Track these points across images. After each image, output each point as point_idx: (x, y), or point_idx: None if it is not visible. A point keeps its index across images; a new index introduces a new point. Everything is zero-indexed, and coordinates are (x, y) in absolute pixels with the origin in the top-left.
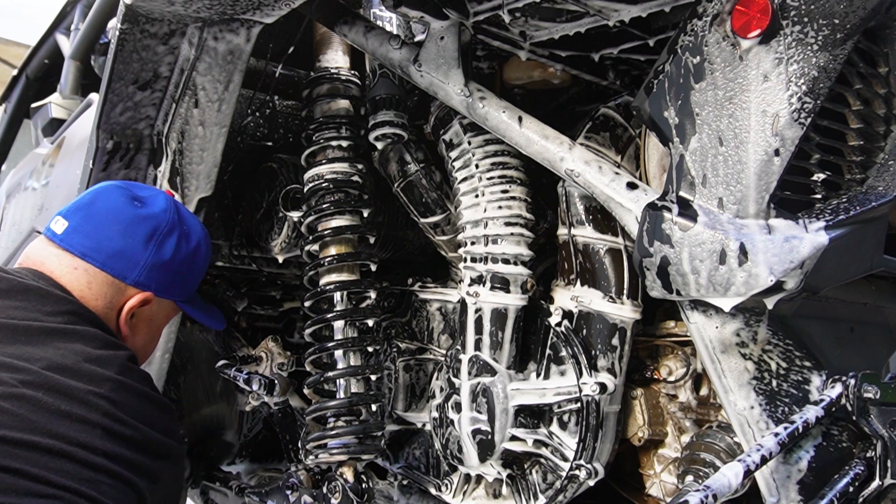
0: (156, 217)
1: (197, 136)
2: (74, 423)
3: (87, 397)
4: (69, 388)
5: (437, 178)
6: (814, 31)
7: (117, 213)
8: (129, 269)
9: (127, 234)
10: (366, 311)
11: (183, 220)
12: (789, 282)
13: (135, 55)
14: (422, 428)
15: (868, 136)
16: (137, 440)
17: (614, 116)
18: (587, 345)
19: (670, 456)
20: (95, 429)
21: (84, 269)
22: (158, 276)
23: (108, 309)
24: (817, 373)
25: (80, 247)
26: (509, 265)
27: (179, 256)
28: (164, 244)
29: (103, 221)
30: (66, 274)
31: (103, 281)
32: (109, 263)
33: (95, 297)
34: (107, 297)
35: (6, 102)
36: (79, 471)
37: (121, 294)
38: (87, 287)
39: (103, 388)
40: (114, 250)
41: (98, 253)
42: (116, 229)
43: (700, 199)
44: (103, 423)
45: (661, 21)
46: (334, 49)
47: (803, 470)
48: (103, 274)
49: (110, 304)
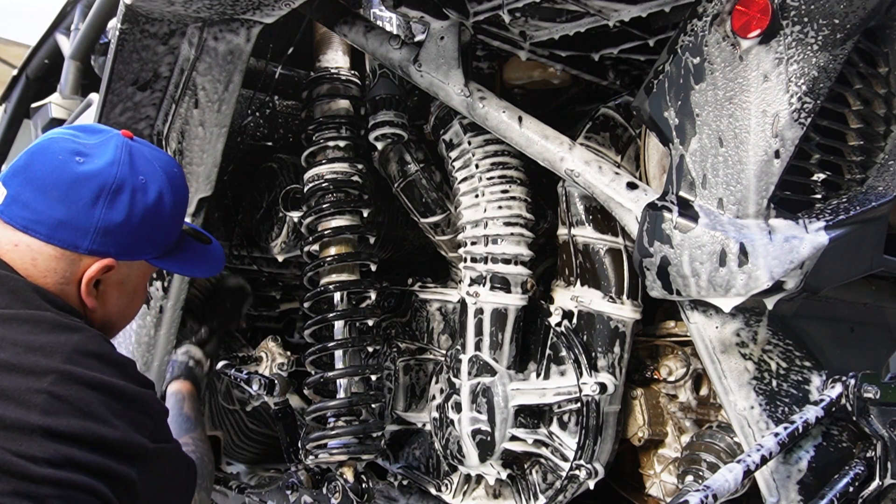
0: (100, 173)
1: (197, 137)
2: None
3: (23, 396)
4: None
5: (437, 178)
6: (814, 31)
7: (56, 174)
8: (78, 238)
9: (69, 198)
10: (366, 311)
11: (136, 169)
12: (789, 282)
13: (135, 55)
14: (422, 428)
15: (868, 136)
16: (88, 438)
17: (614, 116)
18: (587, 345)
19: (670, 456)
20: (34, 433)
21: (27, 244)
22: (116, 240)
23: (63, 284)
24: (817, 373)
25: (21, 220)
26: (509, 265)
27: (137, 213)
28: (114, 203)
29: (42, 186)
30: (7, 252)
31: (51, 255)
32: (55, 235)
33: (43, 273)
34: (58, 271)
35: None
36: (16, 486)
37: (75, 265)
38: (32, 264)
39: (44, 382)
40: (57, 220)
41: (40, 225)
42: (56, 195)
43: (700, 199)
44: (43, 424)
45: (661, 21)
46: (334, 49)
47: (803, 470)
48: (50, 247)
49: (64, 278)
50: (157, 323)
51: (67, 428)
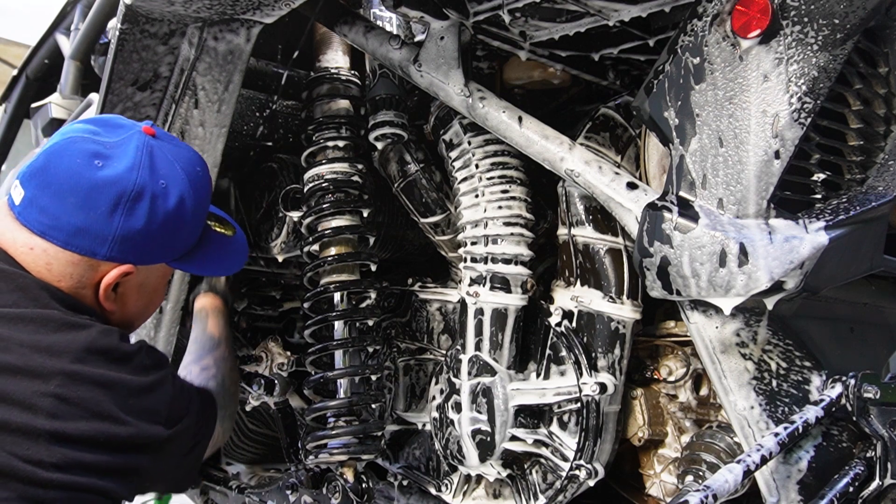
0: (120, 180)
1: (197, 137)
2: (12, 435)
3: (29, 400)
4: (7, 393)
5: (437, 178)
6: (814, 31)
7: (74, 179)
8: (96, 246)
9: (87, 205)
10: (366, 311)
11: (157, 173)
12: (789, 282)
13: (135, 55)
14: (422, 428)
15: (868, 136)
16: (98, 439)
17: (614, 116)
18: (587, 345)
19: (670, 456)
20: (40, 438)
21: (43, 249)
22: (135, 247)
23: (79, 287)
24: (817, 373)
25: (38, 224)
26: (509, 265)
27: (157, 220)
28: (133, 211)
29: (59, 192)
30: (22, 254)
31: (67, 261)
32: (72, 242)
33: (58, 278)
34: (74, 276)
35: (6, 102)
36: (23, 490)
37: (93, 271)
38: (47, 269)
39: (51, 385)
40: (75, 227)
41: (57, 231)
42: (74, 201)
43: (700, 199)
44: (50, 429)
45: (661, 21)
46: (334, 49)
47: (803, 470)
48: (67, 253)
49: (80, 282)
50: (157, 324)
51: (76, 431)
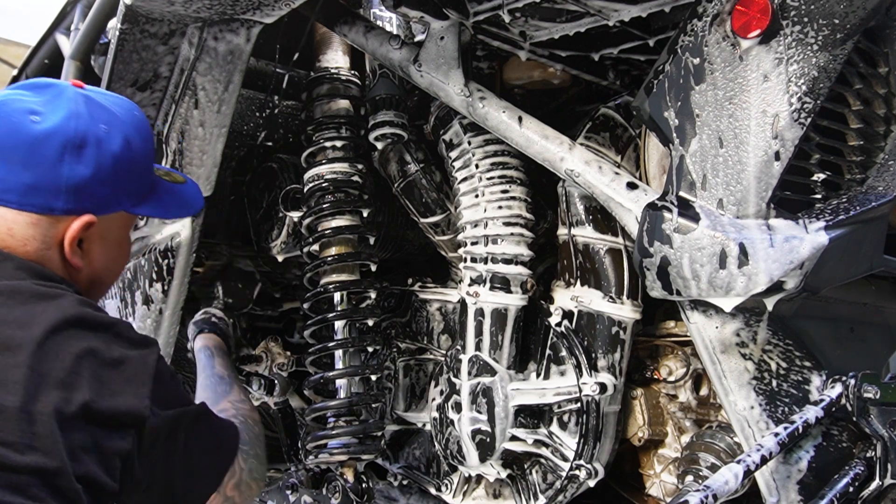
0: (59, 129)
1: (197, 137)
2: None
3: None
4: None
5: (437, 178)
6: (814, 31)
7: (14, 137)
8: (51, 200)
9: (33, 161)
10: (366, 311)
11: (96, 119)
12: (789, 282)
13: (135, 55)
14: (422, 428)
15: (868, 136)
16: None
17: (614, 116)
18: (587, 345)
19: (670, 456)
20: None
21: (0, 215)
22: (90, 195)
23: (45, 249)
24: (817, 373)
25: None
26: (509, 265)
27: (105, 164)
28: (80, 158)
29: (2, 153)
30: None
31: (27, 223)
32: (26, 201)
33: (22, 242)
34: (37, 237)
35: None
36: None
37: (54, 228)
38: (9, 234)
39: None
40: (25, 185)
41: (9, 193)
42: (17, 159)
43: (700, 199)
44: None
45: (661, 21)
46: (334, 49)
47: (803, 470)
48: (24, 214)
49: (44, 243)
50: (157, 325)
51: (49, 406)
